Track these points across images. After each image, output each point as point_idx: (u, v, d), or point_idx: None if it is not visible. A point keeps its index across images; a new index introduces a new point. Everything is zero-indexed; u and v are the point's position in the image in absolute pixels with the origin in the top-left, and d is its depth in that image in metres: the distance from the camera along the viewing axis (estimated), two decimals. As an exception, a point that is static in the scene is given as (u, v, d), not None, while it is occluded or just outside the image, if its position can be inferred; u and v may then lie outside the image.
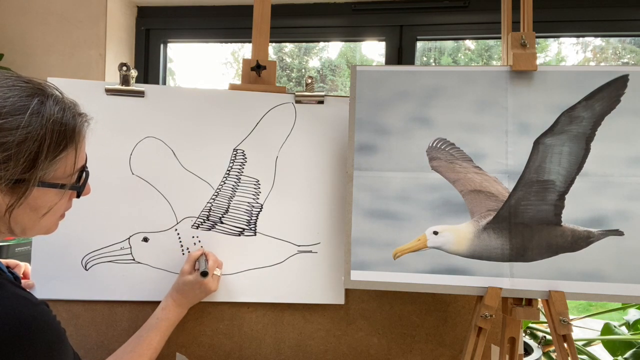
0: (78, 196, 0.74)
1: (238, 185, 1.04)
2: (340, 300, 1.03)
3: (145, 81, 1.90)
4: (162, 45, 1.94)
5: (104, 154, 1.02)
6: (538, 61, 0.92)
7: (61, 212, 0.74)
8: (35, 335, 0.60)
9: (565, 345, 0.83)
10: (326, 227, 1.04)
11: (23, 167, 0.61)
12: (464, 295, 1.03)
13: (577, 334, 1.39)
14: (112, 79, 1.73)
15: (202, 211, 1.03)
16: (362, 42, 1.94)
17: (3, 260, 0.94)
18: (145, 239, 1.02)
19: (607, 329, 1.25)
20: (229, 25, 1.86)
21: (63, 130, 0.65)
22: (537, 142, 0.90)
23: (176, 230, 1.03)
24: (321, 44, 2.04)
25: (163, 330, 0.91)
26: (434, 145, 0.93)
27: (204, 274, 0.93)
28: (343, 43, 2.01)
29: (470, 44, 1.94)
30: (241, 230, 1.04)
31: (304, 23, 1.82)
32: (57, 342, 0.64)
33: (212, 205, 1.04)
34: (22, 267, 0.99)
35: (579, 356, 1.22)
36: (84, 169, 0.73)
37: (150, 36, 1.93)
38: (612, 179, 0.87)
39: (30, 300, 0.63)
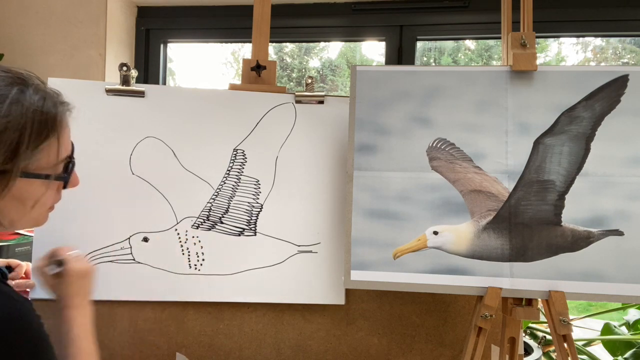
0: (65, 187, 0.73)
1: (238, 185, 1.04)
2: (340, 300, 1.03)
3: (145, 81, 1.90)
4: (162, 45, 1.94)
5: (104, 154, 1.02)
6: (538, 61, 0.92)
7: (50, 203, 0.72)
8: (17, 334, 0.59)
9: (565, 345, 0.83)
10: (326, 227, 1.04)
11: (4, 158, 0.60)
12: (464, 296, 1.03)
13: (577, 334, 1.39)
14: (112, 79, 1.73)
15: (202, 211, 1.03)
16: (362, 42, 1.94)
17: (3, 260, 0.94)
18: (145, 239, 1.02)
19: (607, 329, 1.25)
20: (229, 25, 1.86)
21: (44, 119, 0.64)
22: (537, 142, 0.90)
23: (176, 230, 1.03)
24: (321, 44, 2.04)
25: (88, 334, 0.78)
26: (434, 145, 0.93)
27: (59, 263, 0.80)
28: (343, 43, 2.01)
29: (470, 44, 1.94)
30: (241, 230, 1.04)
31: (304, 23, 1.82)
32: (39, 340, 0.63)
33: (212, 205, 1.04)
34: (23, 266, 0.99)
35: (579, 356, 1.22)
36: (70, 159, 0.72)
37: (150, 36, 1.93)
38: (612, 179, 0.87)
39: (12, 298, 0.62)
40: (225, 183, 1.04)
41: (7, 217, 0.66)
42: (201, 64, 2.07)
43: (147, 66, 1.92)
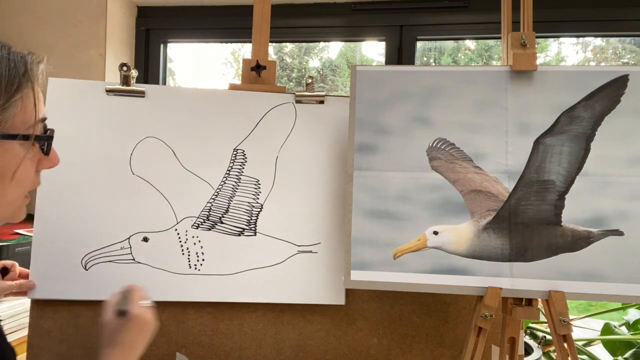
0: (46, 153, 0.66)
1: (238, 185, 1.04)
2: (340, 300, 1.03)
3: (145, 81, 1.90)
4: (162, 45, 1.94)
5: (104, 154, 1.02)
6: (538, 61, 0.92)
7: (28, 183, 0.65)
8: None
9: (565, 345, 0.83)
10: (326, 227, 1.04)
11: None
12: (464, 296, 1.03)
13: (577, 334, 1.39)
14: (112, 79, 1.73)
15: (202, 211, 1.03)
16: (362, 42, 1.94)
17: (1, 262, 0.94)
18: (145, 239, 1.02)
19: (607, 329, 1.25)
20: (229, 25, 1.86)
21: (13, 67, 0.59)
22: (537, 142, 0.90)
23: (176, 230, 1.03)
24: (321, 44, 2.04)
25: None
26: (434, 145, 0.93)
27: (122, 312, 0.75)
28: (343, 43, 2.01)
29: (470, 44, 1.94)
30: (241, 230, 1.04)
31: (304, 23, 1.82)
32: None
33: (212, 205, 1.04)
34: (17, 265, 0.98)
35: (579, 356, 1.22)
36: (46, 125, 0.66)
37: (150, 36, 1.93)
38: (612, 179, 0.87)
39: None
40: (225, 183, 1.04)
41: None
42: (201, 64, 2.07)
43: (147, 66, 1.92)
